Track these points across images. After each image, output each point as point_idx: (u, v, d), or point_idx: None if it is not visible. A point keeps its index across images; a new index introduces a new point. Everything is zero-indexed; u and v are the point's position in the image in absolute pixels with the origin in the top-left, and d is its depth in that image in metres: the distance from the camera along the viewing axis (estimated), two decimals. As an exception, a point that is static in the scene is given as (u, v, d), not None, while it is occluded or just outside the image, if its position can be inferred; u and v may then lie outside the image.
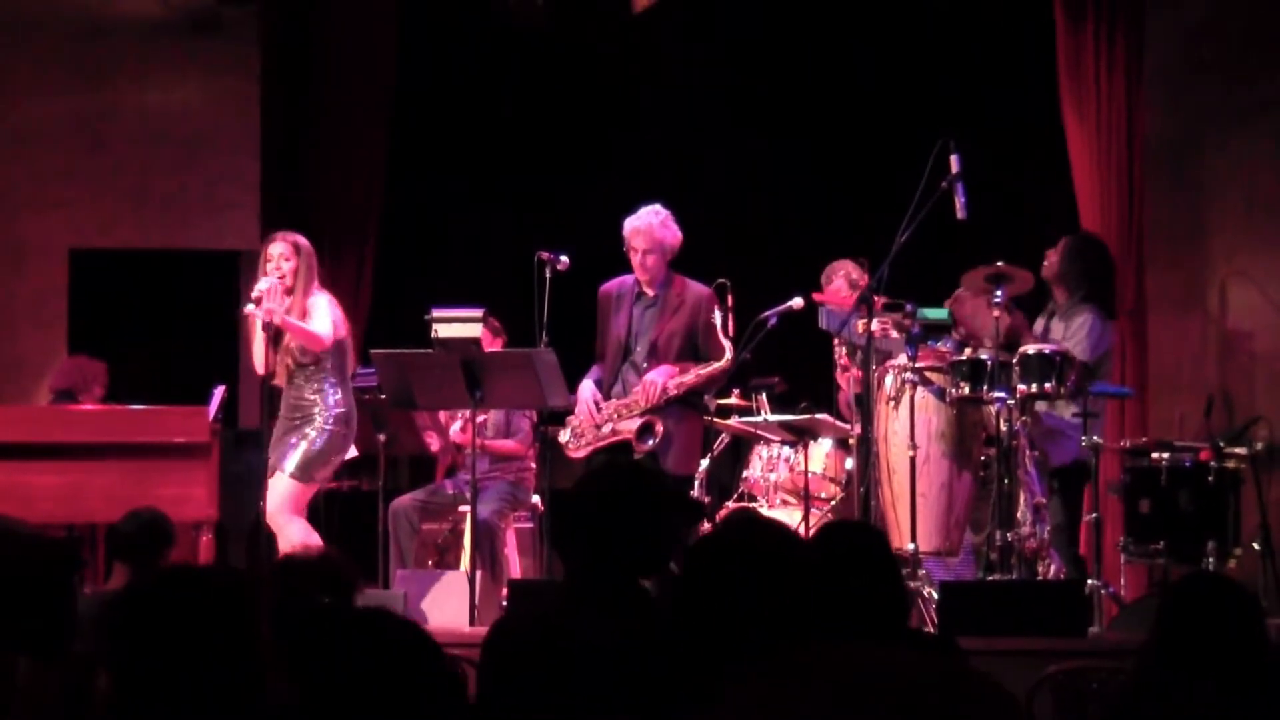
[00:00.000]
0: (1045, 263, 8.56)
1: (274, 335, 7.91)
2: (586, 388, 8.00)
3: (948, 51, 10.73)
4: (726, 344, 7.79)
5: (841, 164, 10.92)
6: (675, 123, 11.07)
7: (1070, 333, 8.23)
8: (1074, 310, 8.34)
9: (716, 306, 7.87)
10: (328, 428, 7.92)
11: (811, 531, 7.42)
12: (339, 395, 7.96)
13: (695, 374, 7.80)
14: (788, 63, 11.03)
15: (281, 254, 7.95)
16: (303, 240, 8.03)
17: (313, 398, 7.95)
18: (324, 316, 7.92)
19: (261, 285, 7.87)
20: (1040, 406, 8.03)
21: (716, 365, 7.79)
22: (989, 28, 10.61)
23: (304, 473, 7.91)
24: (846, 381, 8.65)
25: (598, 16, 10.80)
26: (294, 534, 7.77)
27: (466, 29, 11.17)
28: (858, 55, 10.85)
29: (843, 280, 8.68)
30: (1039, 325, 8.45)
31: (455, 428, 8.99)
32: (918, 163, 7.54)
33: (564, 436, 8.05)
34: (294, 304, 7.90)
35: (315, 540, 7.71)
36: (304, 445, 7.91)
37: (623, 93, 11.20)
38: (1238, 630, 3.59)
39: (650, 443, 7.74)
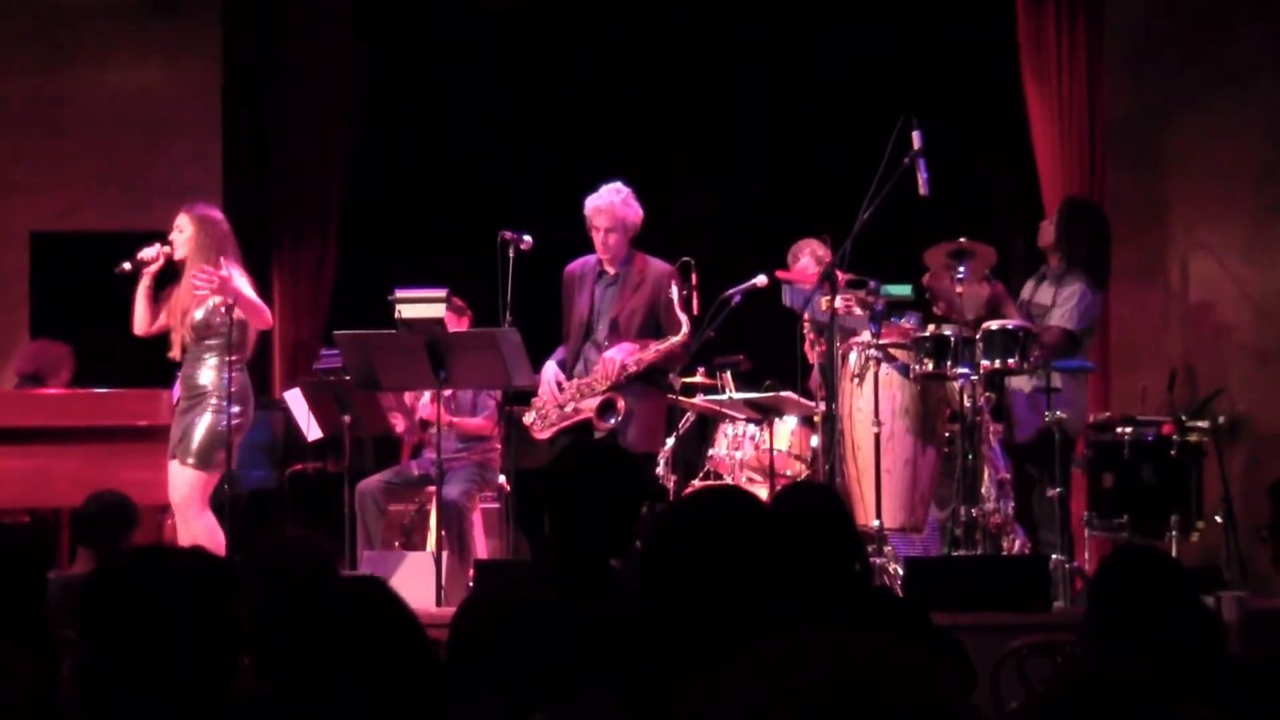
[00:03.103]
0: (1040, 232, 8.55)
1: (154, 295, 7.73)
2: (549, 368, 7.99)
3: (909, 28, 10.73)
4: (683, 318, 7.78)
5: (804, 142, 10.93)
6: (640, 102, 11.05)
7: (1061, 299, 8.18)
8: (1067, 277, 8.24)
9: (676, 282, 7.86)
10: (223, 409, 7.59)
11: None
12: (231, 374, 7.60)
13: (654, 350, 7.80)
14: (751, 42, 11.02)
15: (178, 225, 7.75)
16: (210, 213, 7.82)
17: (204, 380, 7.66)
18: (250, 291, 7.69)
19: (148, 251, 7.75)
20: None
21: (674, 340, 7.78)
22: (950, 4, 10.63)
23: (203, 459, 7.61)
24: (814, 359, 8.64)
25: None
26: (199, 530, 7.49)
27: (432, 9, 11.13)
28: (821, 33, 10.84)
29: (809, 258, 8.62)
30: (1027, 289, 8.41)
31: (424, 401, 8.95)
32: (880, 140, 7.55)
33: (529, 418, 8.04)
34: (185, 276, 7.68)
35: (220, 539, 7.49)
36: (200, 429, 7.62)
37: (588, 72, 11.18)
38: (1167, 602, 3.61)
39: (612, 420, 7.74)
